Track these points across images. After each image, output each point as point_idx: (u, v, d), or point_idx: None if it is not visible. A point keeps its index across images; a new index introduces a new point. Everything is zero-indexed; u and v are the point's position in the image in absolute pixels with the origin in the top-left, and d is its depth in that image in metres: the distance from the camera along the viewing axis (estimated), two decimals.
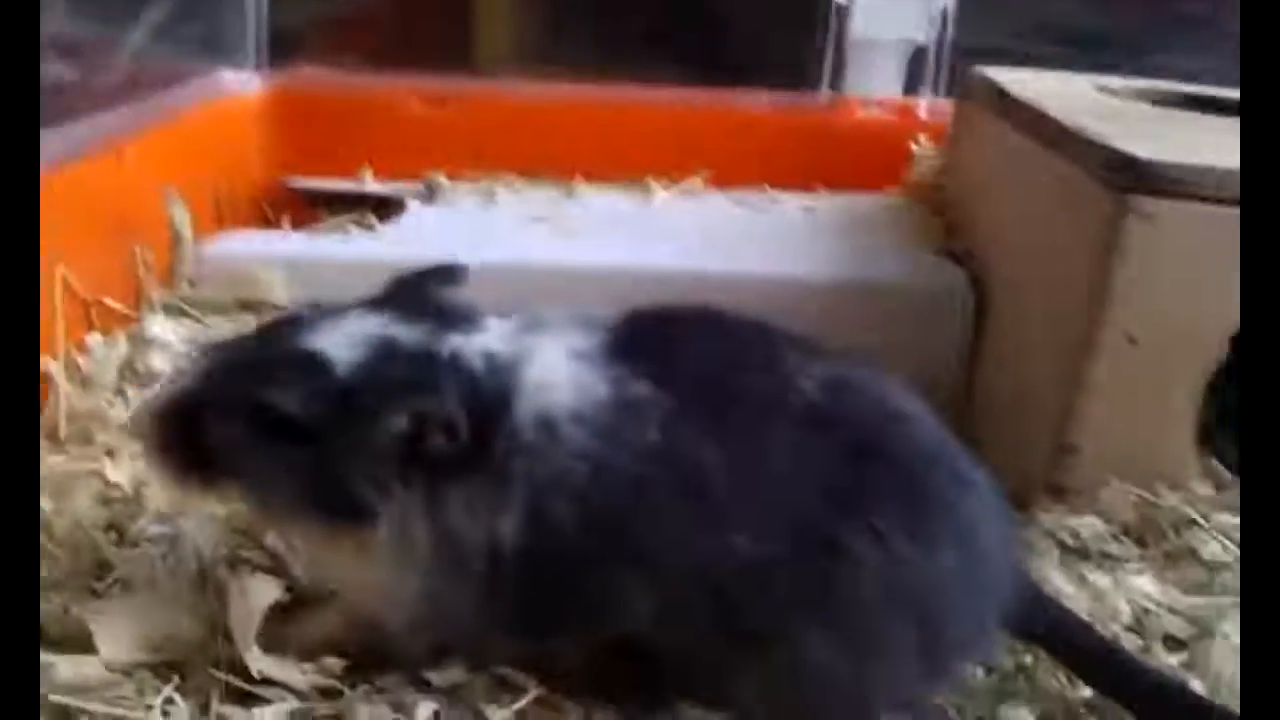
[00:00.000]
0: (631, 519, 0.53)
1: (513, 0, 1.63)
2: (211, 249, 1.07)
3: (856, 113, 1.41)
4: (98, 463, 0.77)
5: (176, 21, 1.21)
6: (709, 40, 1.59)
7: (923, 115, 1.40)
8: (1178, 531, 0.77)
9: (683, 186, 1.31)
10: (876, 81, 1.43)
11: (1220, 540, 0.75)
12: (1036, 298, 0.88)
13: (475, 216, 1.20)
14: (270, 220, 1.28)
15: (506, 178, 1.30)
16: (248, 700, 0.57)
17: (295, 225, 1.22)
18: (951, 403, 0.93)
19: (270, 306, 1.00)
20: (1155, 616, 0.69)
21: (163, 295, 1.01)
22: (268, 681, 0.58)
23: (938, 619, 0.55)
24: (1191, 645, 0.67)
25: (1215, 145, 0.78)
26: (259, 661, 0.58)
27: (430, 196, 1.25)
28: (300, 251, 1.07)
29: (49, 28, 0.92)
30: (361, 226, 1.17)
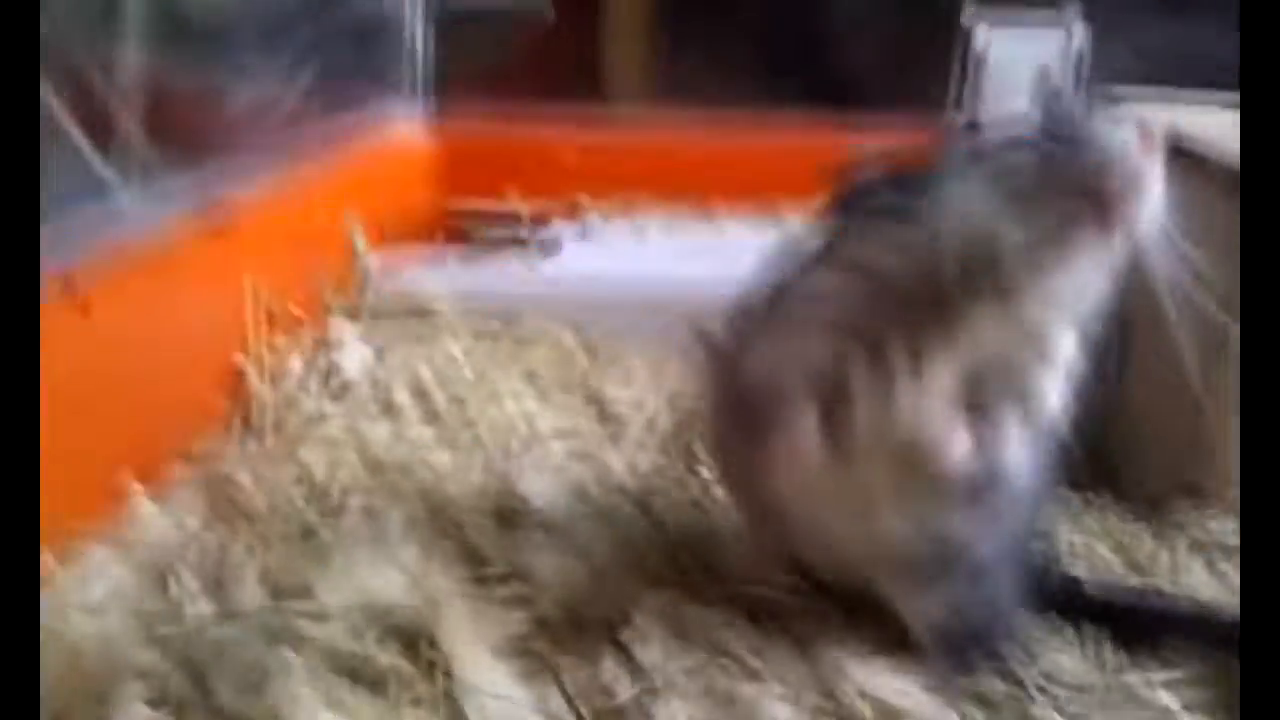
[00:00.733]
0: None
1: (642, 32, 1.69)
2: (382, 263, 1.20)
3: None
4: (291, 446, 0.86)
5: (351, 70, 1.37)
6: (839, 69, 1.62)
7: None
8: None
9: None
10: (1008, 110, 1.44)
11: None
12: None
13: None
14: (429, 239, 1.39)
15: (645, 206, 1.40)
16: None
17: (449, 242, 1.36)
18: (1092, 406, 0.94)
19: (433, 313, 1.12)
20: None
21: (340, 301, 1.13)
22: None
23: None
24: None
25: None
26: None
27: (584, 235, 1.36)
28: (457, 273, 1.22)
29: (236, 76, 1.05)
30: (515, 243, 1.30)
